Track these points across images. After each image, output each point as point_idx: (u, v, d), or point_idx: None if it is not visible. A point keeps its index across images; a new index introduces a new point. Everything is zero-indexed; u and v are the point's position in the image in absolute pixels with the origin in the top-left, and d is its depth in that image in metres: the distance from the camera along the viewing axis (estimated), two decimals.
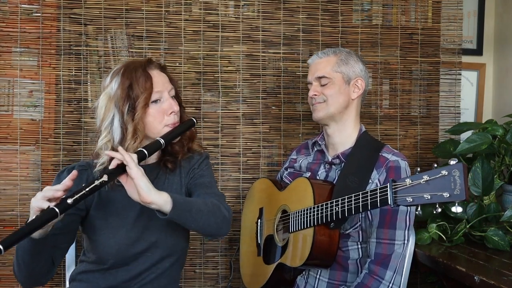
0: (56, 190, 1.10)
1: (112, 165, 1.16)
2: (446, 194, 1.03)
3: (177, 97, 1.42)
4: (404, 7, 2.07)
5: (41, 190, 1.13)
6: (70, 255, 1.65)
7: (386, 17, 2.07)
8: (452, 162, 1.04)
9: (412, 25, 2.08)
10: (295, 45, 2.01)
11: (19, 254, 1.19)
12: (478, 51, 2.21)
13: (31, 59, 1.86)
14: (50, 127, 1.87)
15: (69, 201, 1.07)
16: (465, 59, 2.15)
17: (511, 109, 2.06)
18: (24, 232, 1.02)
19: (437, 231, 1.71)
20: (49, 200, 1.09)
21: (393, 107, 2.08)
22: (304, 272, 1.55)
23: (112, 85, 1.31)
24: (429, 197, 1.06)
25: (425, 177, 1.07)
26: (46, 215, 1.05)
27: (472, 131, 1.90)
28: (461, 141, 1.78)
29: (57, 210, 1.05)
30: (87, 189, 1.10)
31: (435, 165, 1.09)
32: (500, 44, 2.21)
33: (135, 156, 1.18)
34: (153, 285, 1.38)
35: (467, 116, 2.21)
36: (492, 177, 1.66)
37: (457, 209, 1.05)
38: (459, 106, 2.13)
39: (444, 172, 1.04)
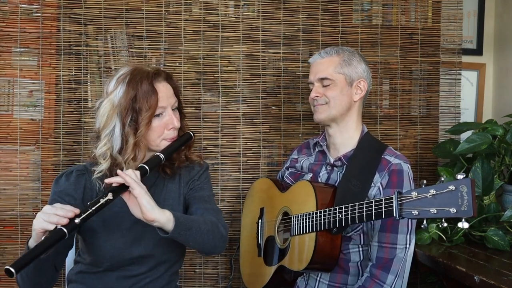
0: (60, 218, 1.09)
1: (115, 183, 1.16)
2: (453, 210, 1.02)
3: (179, 106, 1.41)
4: (404, 7, 2.07)
5: (40, 206, 1.12)
6: (70, 255, 1.64)
7: (386, 17, 2.07)
8: (460, 177, 1.03)
9: (412, 25, 2.08)
10: (295, 45, 2.01)
11: (23, 270, 1.19)
12: (478, 51, 2.21)
13: (31, 59, 1.86)
14: (50, 127, 1.87)
15: (77, 221, 1.08)
16: (465, 59, 2.15)
17: (511, 109, 2.06)
18: (35, 254, 1.03)
19: (437, 231, 1.71)
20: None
21: (393, 107, 2.08)
22: (304, 274, 1.55)
23: (116, 93, 1.28)
24: (435, 212, 1.05)
25: (432, 191, 1.06)
26: (55, 236, 1.05)
27: (472, 131, 1.90)
28: (461, 141, 1.78)
29: (65, 230, 1.06)
30: (93, 208, 1.11)
31: (442, 179, 1.08)
32: (500, 44, 2.21)
33: (138, 173, 1.18)
34: (149, 287, 1.38)
35: (467, 116, 2.20)
36: (492, 177, 1.66)
37: (463, 224, 1.04)
38: (459, 106, 2.13)
39: (451, 187, 1.03)
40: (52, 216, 1.08)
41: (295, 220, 1.45)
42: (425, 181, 1.13)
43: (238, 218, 1.93)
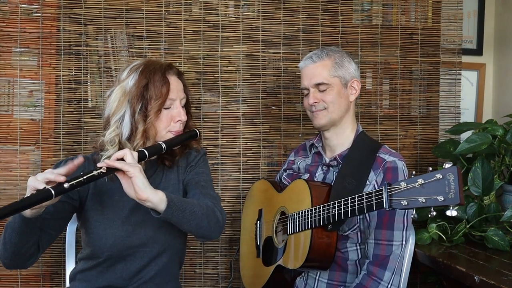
0: (58, 175, 1.10)
1: (112, 159, 1.17)
2: (440, 198, 1.03)
3: (187, 104, 1.44)
4: (404, 7, 2.07)
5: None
6: (71, 255, 1.65)
7: (386, 17, 2.07)
8: (447, 166, 1.03)
9: (412, 25, 2.08)
10: (295, 45, 2.01)
11: (7, 233, 1.19)
12: (478, 51, 2.21)
13: (31, 59, 1.86)
14: (50, 127, 1.88)
15: (66, 185, 1.08)
16: (465, 59, 2.15)
17: (511, 109, 2.06)
18: (18, 207, 1.03)
19: (437, 231, 1.71)
20: (48, 182, 1.09)
21: (393, 107, 2.08)
22: (303, 274, 1.55)
23: (128, 81, 1.32)
24: (423, 201, 1.06)
25: (420, 181, 1.07)
26: (41, 195, 1.06)
27: (472, 131, 1.90)
28: (461, 141, 1.78)
29: (52, 192, 1.06)
30: (85, 177, 1.11)
31: (430, 168, 1.09)
32: (500, 44, 2.21)
33: (136, 154, 1.20)
34: (153, 283, 1.38)
35: (467, 116, 2.21)
36: (492, 177, 1.66)
37: (452, 212, 1.04)
38: (459, 106, 2.13)
39: (438, 176, 1.03)
40: (50, 174, 1.09)
41: (292, 219, 1.45)
42: (414, 172, 1.13)
43: (238, 218, 1.93)
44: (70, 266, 1.64)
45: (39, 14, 1.86)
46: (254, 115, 2.00)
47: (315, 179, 1.57)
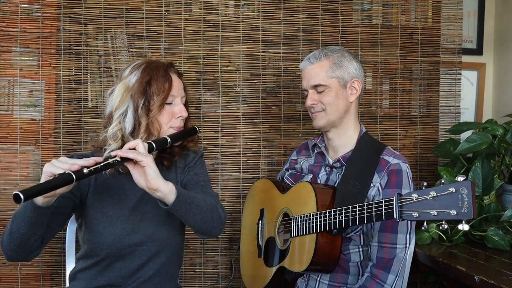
0: (73, 164, 1.11)
1: (124, 149, 1.19)
2: (453, 212, 1.02)
3: (186, 105, 1.46)
4: (404, 7, 2.07)
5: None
6: (71, 254, 1.65)
7: (386, 17, 2.07)
8: (460, 179, 1.03)
9: (412, 25, 2.08)
10: (295, 45, 2.01)
11: (15, 223, 1.18)
12: (478, 51, 2.21)
13: (31, 59, 1.86)
14: (50, 127, 1.88)
15: (85, 171, 1.10)
16: (465, 58, 2.15)
17: (511, 109, 2.06)
18: (42, 188, 1.05)
19: (437, 231, 1.71)
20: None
21: (393, 107, 2.08)
22: (305, 275, 1.55)
23: (131, 77, 1.35)
24: (435, 214, 1.05)
25: (432, 193, 1.06)
26: (63, 179, 1.08)
27: (472, 130, 1.90)
28: (461, 141, 1.78)
29: (73, 176, 1.08)
30: (101, 165, 1.13)
31: (442, 181, 1.08)
32: (500, 44, 2.21)
33: (146, 145, 1.22)
34: (152, 282, 1.38)
35: (467, 116, 2.21)
36: (492, 177, 1.66)
37: (463, 226, 1.04)
38: (459, 106, 2.13)
39: (451, 189, 1.03)
40: (64, 163, 1.11)
41: (296, 221, 1.44)
42: (425, 183, 1.12)
43: (238, 218, 1.93)
44: (70, 265, 1.64)
45: (39, 14, 1.86)
46: (254, 115, 2.00)
47: (318, 180, 1.56)
